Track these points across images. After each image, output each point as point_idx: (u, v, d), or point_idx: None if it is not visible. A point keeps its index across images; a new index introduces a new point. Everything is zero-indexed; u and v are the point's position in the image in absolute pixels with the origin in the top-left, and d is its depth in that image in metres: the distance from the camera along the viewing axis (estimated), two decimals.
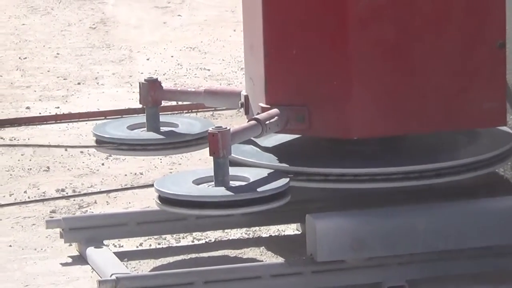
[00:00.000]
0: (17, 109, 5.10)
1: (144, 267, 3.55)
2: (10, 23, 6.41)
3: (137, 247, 3.74)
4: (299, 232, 3.69)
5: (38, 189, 4.30)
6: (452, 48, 3.50)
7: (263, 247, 3.71)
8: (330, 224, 3.20)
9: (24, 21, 6.44)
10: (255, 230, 3.82)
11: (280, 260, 3.47)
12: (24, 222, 3.97)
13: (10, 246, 3.75)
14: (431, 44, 3.50)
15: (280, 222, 3.74)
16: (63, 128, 4.85)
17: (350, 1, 3.51)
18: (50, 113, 5.18)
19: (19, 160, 4.47)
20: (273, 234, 3.78)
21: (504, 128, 3.62)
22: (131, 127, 3.78)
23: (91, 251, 3.56)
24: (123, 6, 6.72)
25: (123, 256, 3.56)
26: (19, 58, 5.82)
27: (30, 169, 4.44)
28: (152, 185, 3.47)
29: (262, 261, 3.60)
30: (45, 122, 5.00)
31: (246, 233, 3.80)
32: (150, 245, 3.73)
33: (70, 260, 3.66)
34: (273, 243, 3.74)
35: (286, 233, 3.81)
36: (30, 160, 4.48)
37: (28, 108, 5.06)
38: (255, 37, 3.53)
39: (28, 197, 4.22)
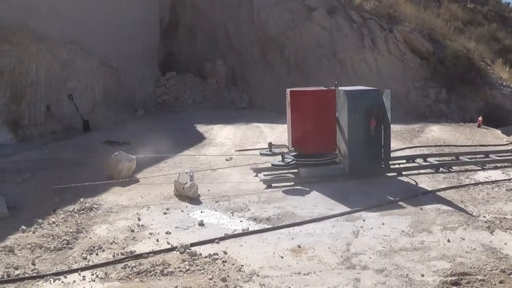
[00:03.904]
0: None
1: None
2: None
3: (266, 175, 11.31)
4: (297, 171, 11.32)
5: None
6: (323, 124, 10.82)
7: (292, 174, 11.56)
8: (304, 169, 11.11)
9: None
10: (290, 171, 11.58)
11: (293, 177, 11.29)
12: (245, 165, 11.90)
13: (240, 173, 11.44)
14: (320, 122, 10.91)
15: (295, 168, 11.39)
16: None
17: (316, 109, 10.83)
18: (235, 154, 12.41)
19: None
20: (293, 171, 11.55)
21: (336, 151, 11.34)
22: (264, 153, 11.37)
23: (259, 175, 11.44)
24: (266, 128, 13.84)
25: (266, 176, 11.16)
26: None
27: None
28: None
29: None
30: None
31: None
32: (269, 175, 11.33)
33: (255, 176, 11.44)
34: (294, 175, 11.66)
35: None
36: None
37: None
38: (289, 129, 11.27)
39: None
